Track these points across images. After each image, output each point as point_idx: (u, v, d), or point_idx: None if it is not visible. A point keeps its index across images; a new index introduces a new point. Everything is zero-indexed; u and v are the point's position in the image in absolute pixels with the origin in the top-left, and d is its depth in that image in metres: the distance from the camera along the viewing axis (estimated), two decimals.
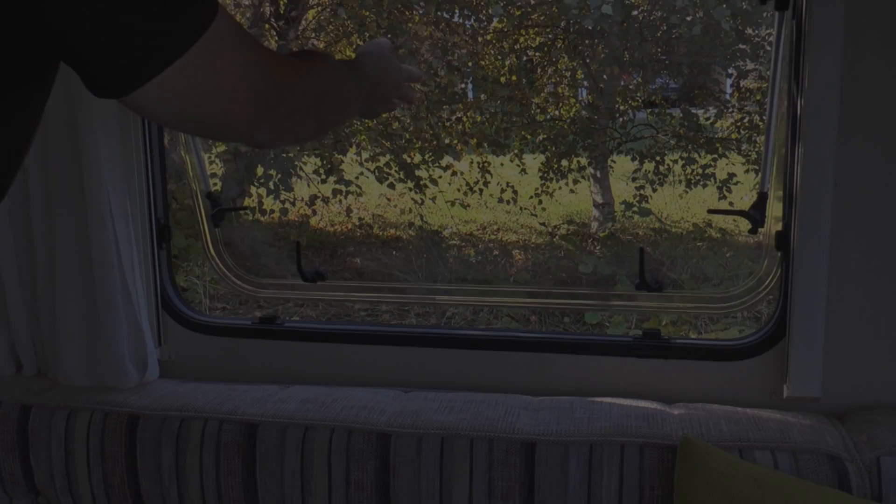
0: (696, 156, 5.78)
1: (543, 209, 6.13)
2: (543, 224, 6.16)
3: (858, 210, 1.52)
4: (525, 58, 5.96)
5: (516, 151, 6.07)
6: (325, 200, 6.06)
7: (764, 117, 5.90)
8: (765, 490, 1.33)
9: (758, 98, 5.73)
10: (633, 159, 5.95)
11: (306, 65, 0.97)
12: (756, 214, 1.72)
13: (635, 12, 5.47)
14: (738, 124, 5.84)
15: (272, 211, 5.94)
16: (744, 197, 6.07)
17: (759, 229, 1.73)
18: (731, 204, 5.90)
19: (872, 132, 1.50)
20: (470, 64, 6.01)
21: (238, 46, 0.83)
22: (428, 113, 5.83)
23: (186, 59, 0.76)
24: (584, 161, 6.01)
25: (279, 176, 5.76)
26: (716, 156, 5.77)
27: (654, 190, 5.90)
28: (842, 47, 1.44)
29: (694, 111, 5.91)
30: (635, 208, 5.84)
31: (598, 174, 6.12)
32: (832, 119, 1.47)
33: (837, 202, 1.51)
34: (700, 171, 5.80)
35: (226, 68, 0.81)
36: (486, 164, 6.13)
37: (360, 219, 6.40)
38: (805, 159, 1.49)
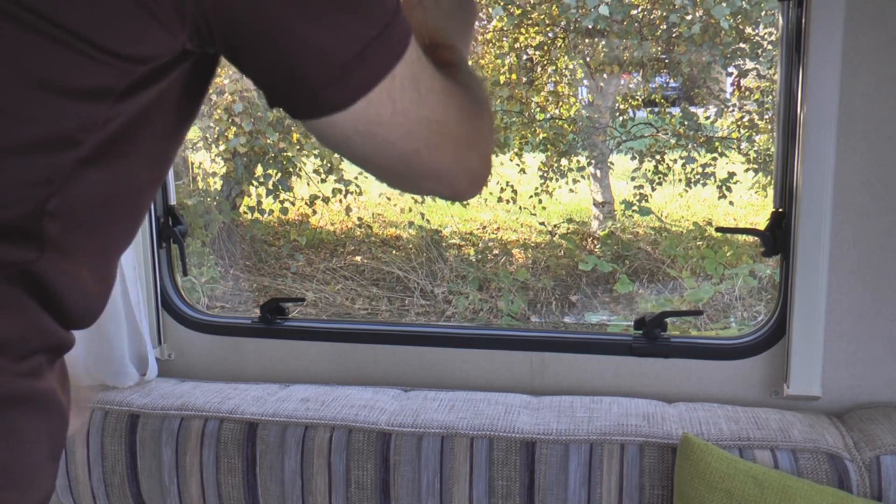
0: (695, 155, 5.78)
1: (543, 208, 6.13)
2: (543, 223, 6.15)
3: (858, 210, 1.52)
4: (525, 57, 5.95)
5: (516, 150, 6.07)
6: (326, 200, 6.06)
7: (764, 117, 5.88)
8: (765, 489, 1.33)
9: (757, 97, 5.73)
10: (633, 158, 5.94)
11: (472, 92, 0.79)
12: (770, 237, 1.60)
13: (635, 11, 5.46)
14: (738, 123, 5.84)
15: (270, 211, 5.94)
16: (743, 196, 6.07)
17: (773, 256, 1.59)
18: (731, 203, 5.90)
19: (872, 131, 1.49)
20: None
21: (434, 72, 0.69)
22: None
23: (394, 77, 0.63)
24: (583, 161, 6.00)
25: (279, 176, 5.75)
26: (716, 155, 5.77)
27: (654, 189, 5.90)
28: (841, 40, 1.44)
29: (694, 110, 5.91)
30: (635, 207, 5.84)
31: (598, 173, 6.12)
32: (832, 116, 1.47)
33: (837, 202, 1.51)
34: (700, 169, 5.80)
35: (429, 95, 0.68)
36: None
37: (359, 218, 6.40)
38: (805, 158, 1.49)
